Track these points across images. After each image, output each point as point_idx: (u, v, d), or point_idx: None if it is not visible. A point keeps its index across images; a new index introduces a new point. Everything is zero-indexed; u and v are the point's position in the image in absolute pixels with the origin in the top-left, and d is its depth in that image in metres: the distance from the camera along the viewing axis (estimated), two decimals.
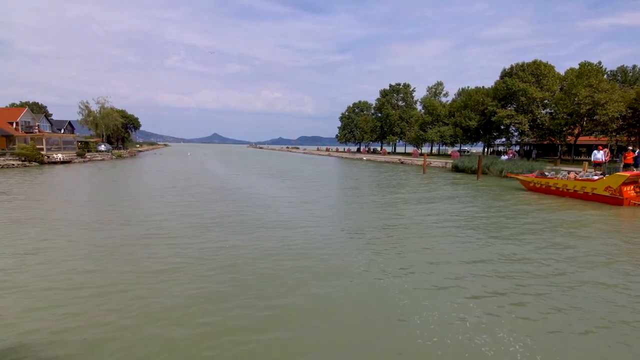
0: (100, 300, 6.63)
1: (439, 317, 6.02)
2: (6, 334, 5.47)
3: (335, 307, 6.49)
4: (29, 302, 6.62)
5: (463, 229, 12.11)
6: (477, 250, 9.79)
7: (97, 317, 6.03)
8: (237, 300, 6.68)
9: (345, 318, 6.07)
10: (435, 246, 10.10)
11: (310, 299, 6.76)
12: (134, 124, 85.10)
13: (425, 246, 10.08)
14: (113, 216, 13.88)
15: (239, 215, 14.07)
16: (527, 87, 49.32)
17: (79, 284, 7.37)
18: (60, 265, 8.47)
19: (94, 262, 8.67)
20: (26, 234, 11.19)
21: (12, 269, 8.25)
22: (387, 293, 7.04)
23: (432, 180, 28.64)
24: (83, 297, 6.75)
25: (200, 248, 9.79)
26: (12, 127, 47.60)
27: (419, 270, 8.19)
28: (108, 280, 7.59)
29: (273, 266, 8.46)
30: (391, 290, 7.14)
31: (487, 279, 7.73)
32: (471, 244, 10.32)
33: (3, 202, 17.28)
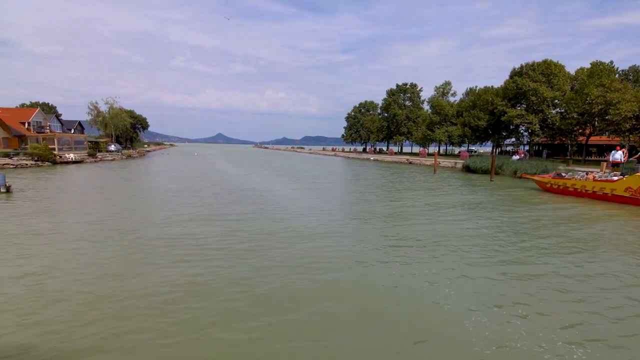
0: (136, 303, 6.67)
1: (494, 333, 5.97)
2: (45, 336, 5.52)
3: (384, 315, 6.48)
4: (68, 306, 6.67)
5: (496, 236, 11.34)
6: (523, 262, 9.01)
7: (134, 320, 6.07)
8: (287, 308, 6.68)
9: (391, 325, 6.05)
10: (471, 254, 9.52)
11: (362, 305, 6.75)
12: (142, 124, 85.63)
13: (461, 254, 9.49)
14: (140, 218, 13.96)
15: (261, 218, 14.06)
16: (538, 87, 48.96)
17: (116, 286, 7.43)
18: (97, 266, 8.55)
19: (127, 265, 8.73)
20: (59, 237, 11.31)
21: (49, 271, 8.34)
22: (426, 306, 7.00)
23: (447, 182, 28.48)
24: (118, 300, 6.80)
25: (230, 251, 9.83)
26: (24, 127, 48.10)
27: (459, 281, 7.85)
28: (142, 283, 7.63)
29: (317, 278, 8.41)
30: (435, 300, 7.10)
31: (545, 295, 7.13)
32: (508, 253, 9.66)
33: (28, 202, 17.47)
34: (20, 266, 8.49)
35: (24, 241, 10.59)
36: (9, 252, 9.54)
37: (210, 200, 18.13)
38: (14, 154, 39.57)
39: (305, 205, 17.00)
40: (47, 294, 6.97)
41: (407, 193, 21.98)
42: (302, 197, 19.74)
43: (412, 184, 26.80)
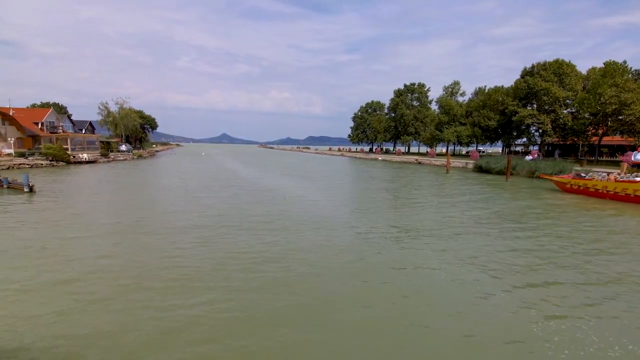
0: (175, 304, 6.73)
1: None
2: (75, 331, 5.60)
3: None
4: (97, 307, 6.76)
5: (538, 244, 10.90)
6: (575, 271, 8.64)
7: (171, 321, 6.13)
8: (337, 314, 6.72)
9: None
10: (516, 260, 9.22)
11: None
12: (151, 125, 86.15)
13: (507, 261, 9.11)
14: (170, 221, 14.07)
15: (285, 220, 14.12)
16: (550, 87, 48.61)
17: (150, 285, 7.51)
18: (137, 272, 8.64)
19: (163, 268, 8.81)
20: (91, 240, 11.44)
21: (86, 270, 8.44)
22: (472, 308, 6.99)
23: (463, 182, 28.36)
24: (153, 294, 6.87)
25: (258, 252, 9.89)
26: (38, 127, 48.61)
27: (509, 290, 7.66)
28: (181, 283, 7.71)
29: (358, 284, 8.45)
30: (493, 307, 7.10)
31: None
32: (556, 262, 9.25)
33: (53, 202, 17.67)
34: (57, 270, 8.60)
35: (57, 241, 10.73)
36: (43, 254, 9.68)
37: (234, 201, 18.21)
38: (29, 153, 40.00)
39: (327, 207, 17.03)
40: (84, 295, 7.07)
41: (429, 196, 21.90)
42: (323, 198, 19.76)
43: (430, 186, 26.47)
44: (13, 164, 36.16)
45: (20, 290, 7.17)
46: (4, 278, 7.74)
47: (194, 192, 21.27)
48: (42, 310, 6.35)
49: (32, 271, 8.15)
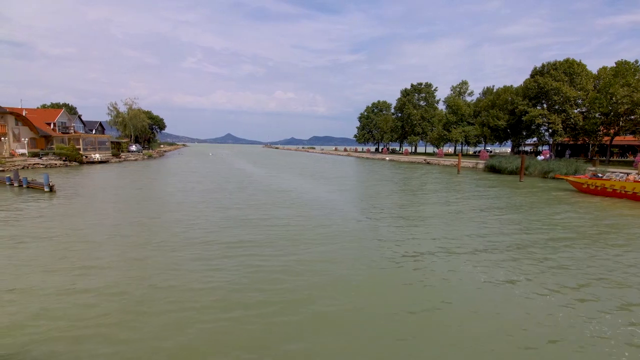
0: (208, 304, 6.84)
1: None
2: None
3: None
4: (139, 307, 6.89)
5: (568, 245, 10.79)
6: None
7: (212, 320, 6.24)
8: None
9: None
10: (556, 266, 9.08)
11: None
12: (159, 125, 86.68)
13: (550, 269, 8.82)
14: (191, 222, 14.24)
15: (311, 222, 14.22)
16: (561, 86, 48.27)
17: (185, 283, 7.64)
18: (172, 266, 8.78)
19: (202, 273, 8.94)
20: (131, 235, 11.62)
21: (125, 267, 8.59)
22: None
23: (476, 183, 28.29)
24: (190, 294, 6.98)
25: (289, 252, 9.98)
26: (50, 127, 49.13)
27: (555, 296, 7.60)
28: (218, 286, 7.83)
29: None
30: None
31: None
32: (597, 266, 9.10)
33: (73, 201, 17.93)
34: (84, 273, 8.76)
35: (83, 240, 10.91)
36: (71, 253, 9.85)
37: (252, 202, 18.36)
38: (43, 154, 40.46)
39: (347, 209, 17.11)
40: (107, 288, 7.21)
41: (452, 200, 21.86)
42: (340, 200, 19.84)
43: (447, 189, 25.80)
44: (28, 164, 36.62)
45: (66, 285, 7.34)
46: (58, 274, 7.92)
47: (209, 193, 21.45)
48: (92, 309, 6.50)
49: (74, 273, 8.32)
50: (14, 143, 42.52)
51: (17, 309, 6.37)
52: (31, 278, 7.78)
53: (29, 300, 6.74)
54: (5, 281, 7.63)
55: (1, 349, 5.20)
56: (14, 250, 9.73)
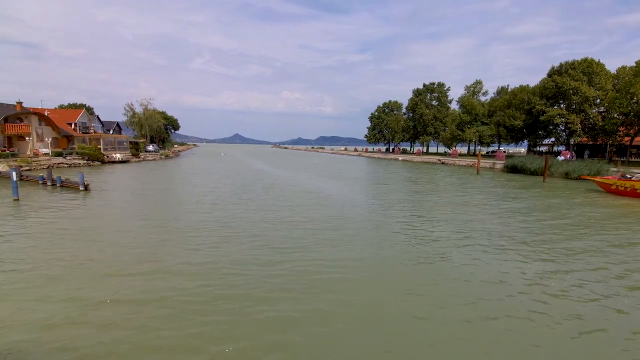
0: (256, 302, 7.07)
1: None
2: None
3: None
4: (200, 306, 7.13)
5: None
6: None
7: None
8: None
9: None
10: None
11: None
12: (173, 125, 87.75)
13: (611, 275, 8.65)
14: (233, 221, 14.52)
15: (353, 224, 14.40)
16: (580, 86, 47.80)
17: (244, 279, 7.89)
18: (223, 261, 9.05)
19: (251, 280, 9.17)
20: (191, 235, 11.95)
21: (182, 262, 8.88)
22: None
23: (500, 183, 28.19)
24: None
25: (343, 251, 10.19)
26: (71, 127, 50.13)
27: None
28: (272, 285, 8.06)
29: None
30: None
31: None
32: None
33: (109, 199, 18.39)
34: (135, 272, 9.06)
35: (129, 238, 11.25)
36: (121, 251, 10.19)
37: (285, 203, 18.62)
38: (67, 153, 41.31)
39: (380, 212, 17.28)
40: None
41: (474, 197, 21.91)
42: (375, 203, 19.99)
43: (477, 188, 25.40)
44: (52, 163, 37.45)
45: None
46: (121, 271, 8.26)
47: (238, 194, 21.76)
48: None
49: (143, 277, 8.65)
50: (37, 143, 43.45)
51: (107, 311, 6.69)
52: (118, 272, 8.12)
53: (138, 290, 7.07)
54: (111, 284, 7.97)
55: (58, 337, 5.51)
56: (77, 249, 10.11)
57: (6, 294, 7.02)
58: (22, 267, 8.49)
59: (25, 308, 6.44)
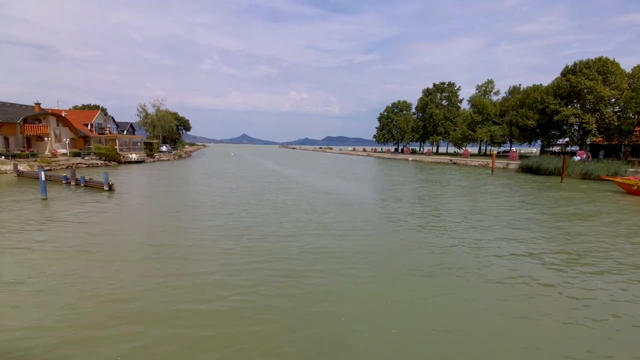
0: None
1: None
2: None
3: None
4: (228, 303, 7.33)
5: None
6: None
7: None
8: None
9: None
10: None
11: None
12: (185, 126, 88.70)
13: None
14: (263, 222, 14.73)
15: (383, 227, 14.54)
16: (595, 85, 47.27)
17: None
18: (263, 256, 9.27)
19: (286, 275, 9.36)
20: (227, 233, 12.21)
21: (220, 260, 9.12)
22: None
23: (517, 184, 28.07)
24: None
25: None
26: (87, 128, 51.04)
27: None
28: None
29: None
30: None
31: None
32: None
33: (135, 198, 18.77)
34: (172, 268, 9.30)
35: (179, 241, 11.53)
36: (148, 248, 10.46)
37: (306, 204, 18.83)
38: (85, 153, 42.10)
39: (410, 212, 17.38)
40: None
41: (507, 201, 21.83)
42: (398, 206, 20.10)
43: (496, 190, 25.23)
44: (71, 163, 38.19)
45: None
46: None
47: (261, 194, 22.00)
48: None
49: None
50: (55, 143, 44.33)
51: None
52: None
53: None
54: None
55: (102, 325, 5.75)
56: (113, 247, 10.42)
57: (53, 291, 7.32)
58: (60, 265, 8.79)
59: (70, 305, 6.72)
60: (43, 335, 5.60)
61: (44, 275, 8.02)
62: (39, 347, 5.28)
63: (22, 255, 9.39)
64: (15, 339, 5.51)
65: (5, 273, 8.13)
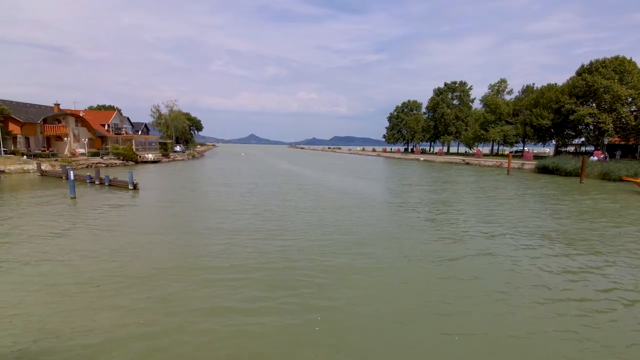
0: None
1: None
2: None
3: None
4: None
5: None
6: None
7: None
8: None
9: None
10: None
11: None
12: (197, 126, 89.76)
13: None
14: (298, 229, 14.96)
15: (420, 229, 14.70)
16: (611, 84, 46.65)
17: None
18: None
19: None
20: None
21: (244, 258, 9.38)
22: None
23: (537, 184, 27.93)
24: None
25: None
26: (104, 128, 52.02)
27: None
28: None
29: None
30: None
31: None
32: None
33: (160, 197, 19.20)
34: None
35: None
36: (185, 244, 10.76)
37: (329, 205, 19.05)
38: (104, 153, 42.96)
39: (431, 216, 17.51)
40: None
41: (530, 203, 21.78)
42: (413, 204, 20.24)
43: (516, 191, 24.97)
44: (90, 163, 39.02)
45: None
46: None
47: (282, 194, 22.28)
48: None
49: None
50: (74, 143, 45.29)
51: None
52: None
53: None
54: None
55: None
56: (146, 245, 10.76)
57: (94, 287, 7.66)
58: (99, 263, 9.15)
59: (108, 303, 7.04)
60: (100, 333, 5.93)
61: (119, 277, 8.39)
62: (92, 347, 5.60)
63: (74, 254, 9.78)
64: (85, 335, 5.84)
65: (67, 276, 8.52)
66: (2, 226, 12.52)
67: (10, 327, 5.84)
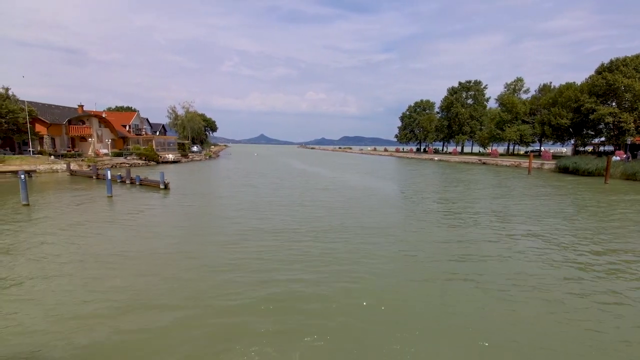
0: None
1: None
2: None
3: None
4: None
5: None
6: None
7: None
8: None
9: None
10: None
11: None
12: (211, 127, 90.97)
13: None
14: (337, 233, 15.31)
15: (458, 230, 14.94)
16: (633, 83, 45.90)
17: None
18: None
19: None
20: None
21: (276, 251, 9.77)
22: None
23: (561, 184, 27.72)
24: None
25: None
26: (125, 129, 53.27)
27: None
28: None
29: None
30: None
31: None
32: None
33: (190, 197, 19.77)
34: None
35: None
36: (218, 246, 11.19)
37: (358, 204, 19.39)
38: (127, 154, 44.06)
39: (459, 225, 17.70)
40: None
41: (560, 205, 21.35)
42: (442, 205, 20.43)
43: (542, 192, 24.71)
44: (115, 163, 40.09)
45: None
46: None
47: (307, 193, 22.67)
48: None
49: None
50: (97, 144, 46.51)
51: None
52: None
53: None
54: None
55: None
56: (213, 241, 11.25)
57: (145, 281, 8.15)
58: (147, 261, 9.66)
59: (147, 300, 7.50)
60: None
61: (169, 277, 8.90)
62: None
63: (121, 255, 10.34)
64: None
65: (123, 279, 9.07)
66: (65, 223, 13.18)
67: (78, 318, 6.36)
